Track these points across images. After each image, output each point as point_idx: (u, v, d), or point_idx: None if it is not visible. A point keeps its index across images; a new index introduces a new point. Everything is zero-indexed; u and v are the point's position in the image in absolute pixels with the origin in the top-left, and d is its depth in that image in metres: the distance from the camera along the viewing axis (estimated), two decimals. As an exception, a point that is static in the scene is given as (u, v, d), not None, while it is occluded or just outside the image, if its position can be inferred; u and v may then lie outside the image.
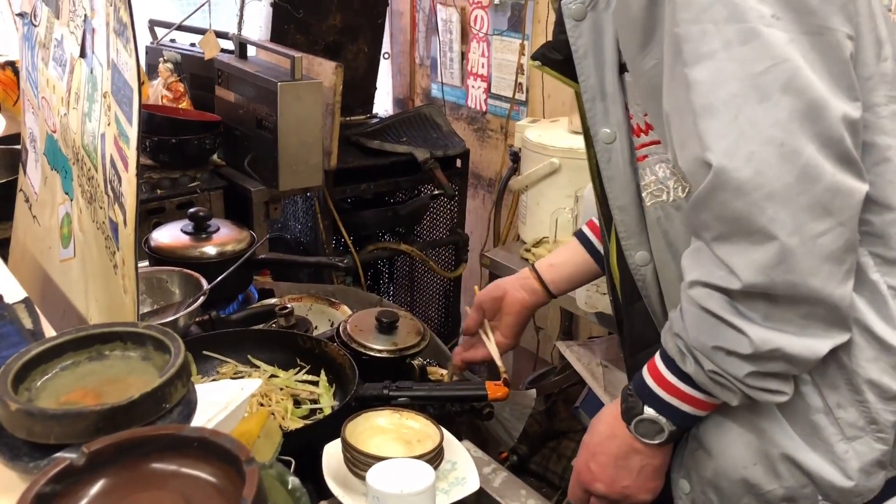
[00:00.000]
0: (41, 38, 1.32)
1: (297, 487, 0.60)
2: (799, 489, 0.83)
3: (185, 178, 2.05)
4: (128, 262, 0.98)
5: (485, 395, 1.16)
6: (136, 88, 0.92)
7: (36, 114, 1.41)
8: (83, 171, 1.16)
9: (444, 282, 2.66)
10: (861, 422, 0.80)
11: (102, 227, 1.09)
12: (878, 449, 0.81)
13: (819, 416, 0.81)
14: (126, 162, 0.97)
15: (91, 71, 1.10)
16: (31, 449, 0.67)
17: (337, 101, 2.11)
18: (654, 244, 0.90)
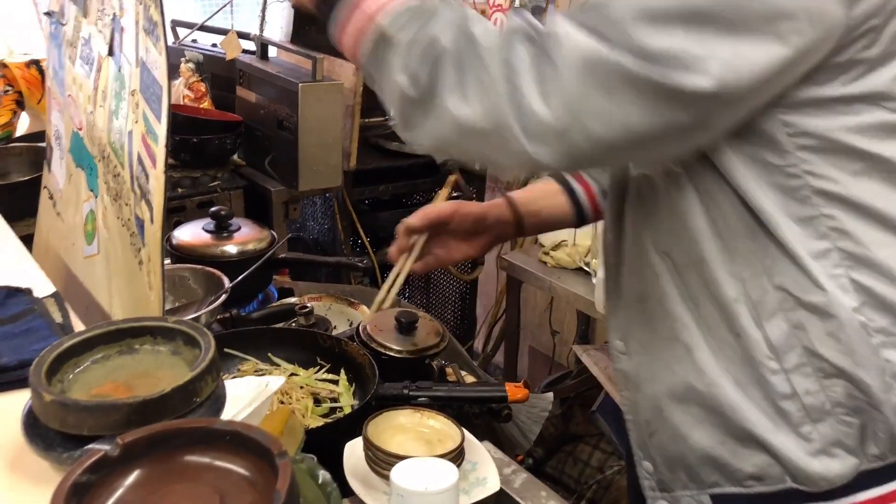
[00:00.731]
0: (68, 37, 1.34)
1: (327, 482, 0.61)
2: (766, 468, 0.83)
3: (206, 178, 2.07)
4: (154, 259, 0.99)
5: (504, 396, 1.17)
6: (165, 86, 0.94)
7: (62, 112, 1.43)
8: (109, 169, 1.18)
9: (461, 284, 2.66)
10: (827, 405, 0.80)
11: (128, 224, 1.10)
12: (841, 430, 0.80)
13: (786, 401, 0.81)
14: (154, 159, 0.99)
15: (119, 69, 1.12)
16: (64, 440, 0.68)
17: (357, 103, 2.12)
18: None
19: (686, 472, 0.89)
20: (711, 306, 0.83)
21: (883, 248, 0.78)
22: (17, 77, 2.18)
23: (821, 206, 0.78)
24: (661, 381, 0.88)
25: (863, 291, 0.78)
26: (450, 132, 0.77)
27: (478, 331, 2.76)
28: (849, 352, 0.78)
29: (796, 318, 0.79)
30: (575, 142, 0.73)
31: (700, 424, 0.86)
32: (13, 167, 1.99)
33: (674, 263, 0.85)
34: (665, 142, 0.75)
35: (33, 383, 0.70)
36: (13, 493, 0.71)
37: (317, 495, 0.60)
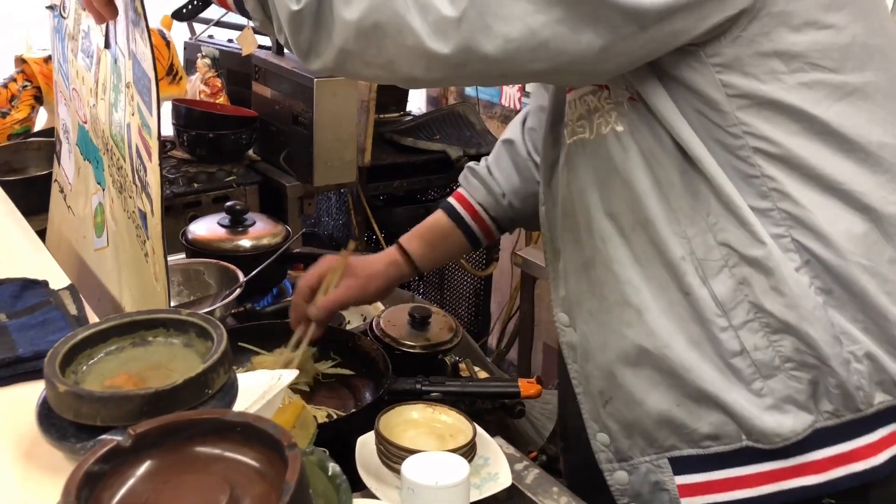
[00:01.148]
0: (70, 30, 1.34)
1: (337, 474, 0.61)
2: (722, 426, 0.84)
3: (222, 173, 2.08)
4: (157, 251, 1.00)
5: (517, 392, 1.16)
6: (153, 78, 0.93)
7: (68, 105, 1.43)
8: (113, 161, 1.18)
9: (475, 280, 2.66)
10: (776, 360, 0.80)
11: (133, 217, 1.11)
12: (792, 386, 0.81)
13: (736, 358, 0.81)
14: (149, 151, 0.99)
15: (115, 61, 1.12)
16: (77, 430, 0.69)
17: (372, 99, 2.12)
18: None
19: (644, 438, 0.89)
20: (660, 266, 0.83)
21: (822, 210, 0.78)
22: (35, 72, 2.20)
23: (762, 166, 0.78)
24: (613, 348, 0.88)
25: (805, 252, 0.79)
26: (346, 40, 0.76)
27: (492, 327, 2.76)
28: (793, 306, 0.79)
29: (741, 273, 0.80)
30: (476, 39, 0.72)
31: (655, 387, 0.86)
32: (31, 162, 2.00)
33: (620, 225, 0.85)
34: (565, 56, 0.74)
35: (47, 374, 0.70)
36: (27, 483, 0.71)
37: (326, 487, 0.60)
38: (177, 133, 2.14)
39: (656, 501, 0.90)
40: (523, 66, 0.75)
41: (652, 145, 0.81)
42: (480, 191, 1.18)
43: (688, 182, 0.80)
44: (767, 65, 0.76)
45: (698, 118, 0.78)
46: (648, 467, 0.90)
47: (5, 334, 0.89)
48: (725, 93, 0.77)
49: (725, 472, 0.85)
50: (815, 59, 0.76)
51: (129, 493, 0.56)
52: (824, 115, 0.77)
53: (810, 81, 0.76)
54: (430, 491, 0.75)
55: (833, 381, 0.80)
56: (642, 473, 0.90)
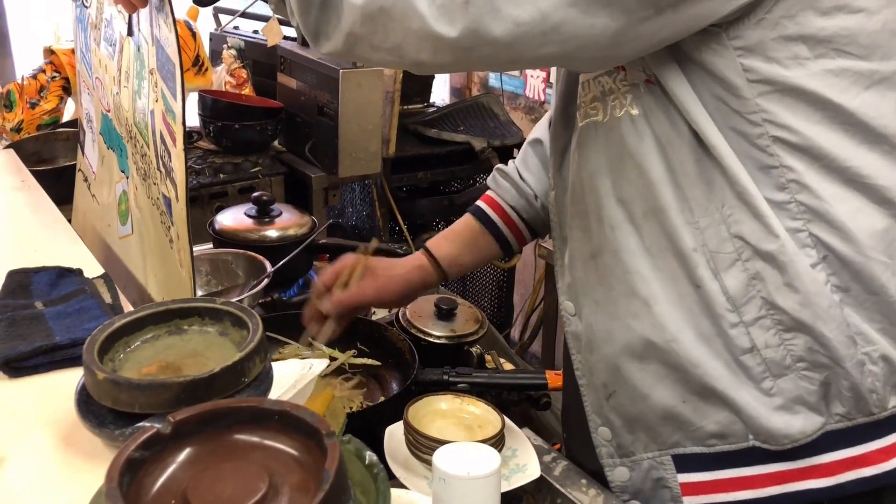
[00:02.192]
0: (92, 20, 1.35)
1: (374, 463, 0.61)
2: (729, 425, 0.82)
3: (248, 164, 2.09)
4: (182, 237, 1.00)
5: (545, 383, 1.16)
6: (177, 63, 0.93)
7: (91, 94, 1.45)
8: (137, 149, 1.19)
9: (498, 272, 2.66)
10: (787, 359, 0.78)
11: (157, 203, 1.11)
12: (803, 387, 0.78)
13: (746, 356, 0.79)
14: (174, 137, 0.99)
15: (138, 49, 1.12)
16: (115, 417, 0.70)
17: (397, 90, 2.12)
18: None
19: (647, 433, 0.87)
20: (671, 257, 0.81)
21: (842, 203, 0.76)
22: (63, 63, 2.22)
23: (780, 156, 0.75)
24: (618, 340, 0.86)
25: (822, 247, 0.76)
26: (353, 24, 0.75)
27: (515, 319, 2.76)
28: (807, 303, 0.76)
29: (754, 268, 0.77)
30: (484, 21, 0.70)
31: (661, 382, 0.84)
32: (60, 152, 2.03)
33: (631, 213, 0.83)
34: (577, 41, 0.71)
35: (86, 361, 0.71)
36: (67, 469, 0.72)
37: (364, 476, 0.61)
38: (203, 124, 2.15)
39: (657, 499, 0.88)
40: (533, 50, 0.72)
41: (667, 131, 0.79)
42: (511, 192, 1.15)
43: (703, 170, 0.78)
44: (792, 49, 0.73)
45: (716, 104, 0.76)
46: (651, 464, 0.88)
47: (42, 322, 0.90)
48: (746, 78, 0.74)
49: (730, 472, 0.83)
50: (843, 44, 0.73)
51: (170, 480, 0.57)
52: (850, 104, 0.74)
53: (836, 68, 0.74)
54: (462, 482, 0.75)
55: (846, 384, 0.78)
56: (644, 470, 0.89)
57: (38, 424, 0.78)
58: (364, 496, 0.59)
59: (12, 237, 1.27)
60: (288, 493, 0.54)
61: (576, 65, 0.84)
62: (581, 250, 0.90)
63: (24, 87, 2.19)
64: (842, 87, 0.74)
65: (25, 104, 2.19)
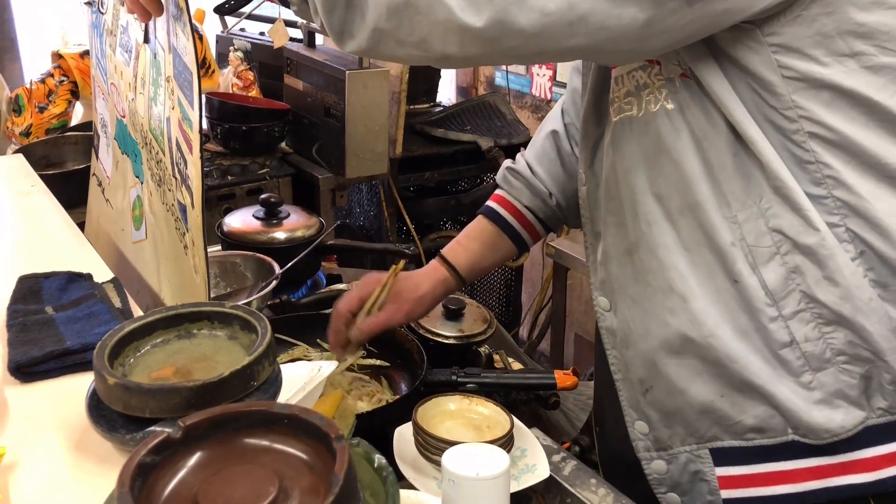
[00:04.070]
0: (108, 26, 1.36)
1: (383, 466, 0.61)
2: (767, 419, 0.81)
3: (255, 165, 2.10)
4: (197, 243, 1.01)
5: (553, 383, 1.16)
6: (195, 72, 0.94)
7: (106, 99, 1.45)
8: (152, 155, 1.20)
9: (506, 271, 2.65)
10: (827, 353, 0.78)
11: (172, 209, 1.12)
12: (843, 381, 0.78)
13: (785, 350, 0.79)
14: (190, 145, 1.00)
15: (154, 56, 1.13)
16: (126, 421, 0.70)
17: (403, 90, 2.12)
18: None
19: (684, 427, 0.87)
20: (708, 252, 0.80)
21: (879, 200, 0.75)
22: (71, 67, 2.23)
23: (817, 152, 0.75)
24: (655, 335, 0.86)
25: (860, 242, 0.76)
26: (378, 19, 0.74)
27: (523, 318, 2.75)
28: (847, 297, 0.76)
29: (793, 261, 0.77)
30: (510, 11, 0.69)
31: (698, 377, 0.84)
32: (69, 156, 2.04)
33: (668, 208, 0.82)
34: (605, 32, 0.70)
35: (97, 366, 0.72)
36: (79, 473, 0.73)
37: (373, 479, 0.61)
38: (210, 126, 2.16)
39: (695, 492, 0.88)
40: (561, 41, 0.71)
41: (703, 125, 0.78)
42: (525, 193, 1.14)
43: (740, 165, 0.77)
44: (829, 46, 0.72)
45: (752, 98, 0.75)
46: (688, 457, 0.88)
47: (53, 327, 0.91)
48: (782, 74, 0.73)
49: (769, 466, 0.83)
50: (883, 41, 0.72)
51: (180, 484, 0.57)
52: (888, 101, 0.73)
53: (875, 65, 0.72)
54: (471, 482, 0.75)
55: (888, 377, 0.78)
56: (682, 463, 0.88)
57: (49, 429, 0.79)
58: (374, 499, 0.59)
59: (22, 242, 1.28)
60: (298, 496, 0.55)
61: (604, 58, 0.83)
62: (616, 246, 0.90)
63: (32, 92, 2.20)
64: (880, 85, 0.73)
65: (34, 108, 2.21)
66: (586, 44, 0.72)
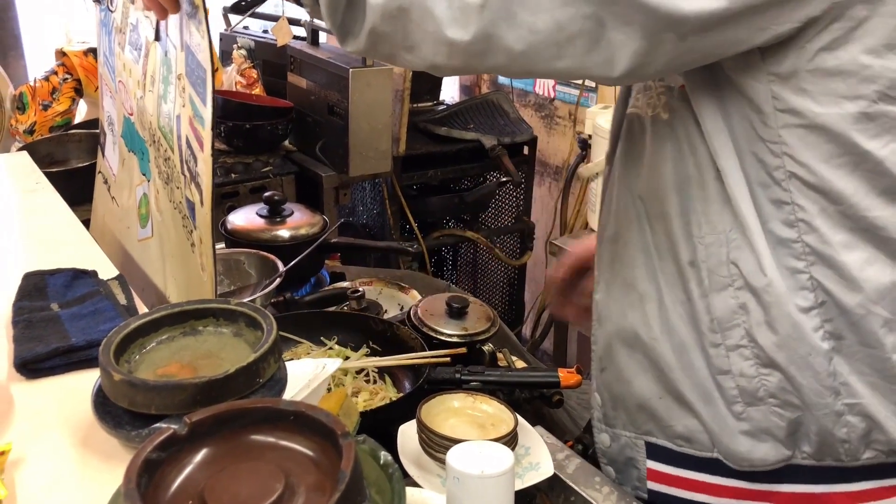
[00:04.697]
0: (117, 24, 1.36)
1: (389, 463, 0.61)
2: (695, 433, 0.84)
3: (258, 163, 2.10)
4: (205, 241, 1.01)
5: (557, 381, 1.16)
6: (209, 70, 0.94)
7: (113, 97, 1.46)
8: (160, 153, 1.20)
9: (509, 270, 2.66)
10: (761, 392, 0.79)
11: (180, 207, 1.12)
12: (772, 421, 0.79)
13: (722, 376, 0.80)
14: (201, 142, 1.00)
15: (165, 54, 1.13)
16: (132, 418, 0.70)
17: (407, 88, 2.12)
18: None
19: (626, 415, 0.91)
20: (671, 263, 0.82)
21: (850, 251, 0.73)
22: (75, 65, 2.24)
23: (794, 193, 0.73)
24: (615, 322, 0.89)
25: (822, 292, 0.75)
26: (375, 22, 0.74)
27: (526, 317, 2.75)
28: (784, 346, 0.76)
29: (743, 297, 0.77)
30: (498, 27, 0.69)
31: (643, 373, 0.87)
32: (73, 153, 2.04)
33: (646, 211, 0.84)
34: (594, 56, 0.69)
35: (103, 363, 0.72)
36: (84, 469, 0.73)
37: (379, 476, 0.61)
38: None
39: (627, 473, 0.92)
40: (548, 62, 0.70)
41: (688, 142, 0.78)
42: None
43: (718, 190, 0.77)
44: (828, 85, 0.69)
45: (744, 126, 0.74)
46: (627, 442, 0.92)
47: (58, 323, 0.91)
48: (774, 106, 0.71)
49: (693, 474, 0.86)
50: (886, 87, 0.68)
51: (187, 480, 0.57)
52: (879, 152, 0.70)
53: (874, 112, 0.69)
54: (476, 480, 0.75)
55: (814, 428, 0.78)
56: (621, 445, 0.93)
57: (55, 425, 0.79)
58: (379, 496, 0.59)
59: (27, 239, 1.28)
60: (304, 493, 0.55)
61: (595, 80, 0.82)
62: (607, 232, 0.92)
63: (36, 90, 2.21)
64: (873, 133, 0.70)
65: (38, 106, 2.21)
66: (574, 66, 0.71)
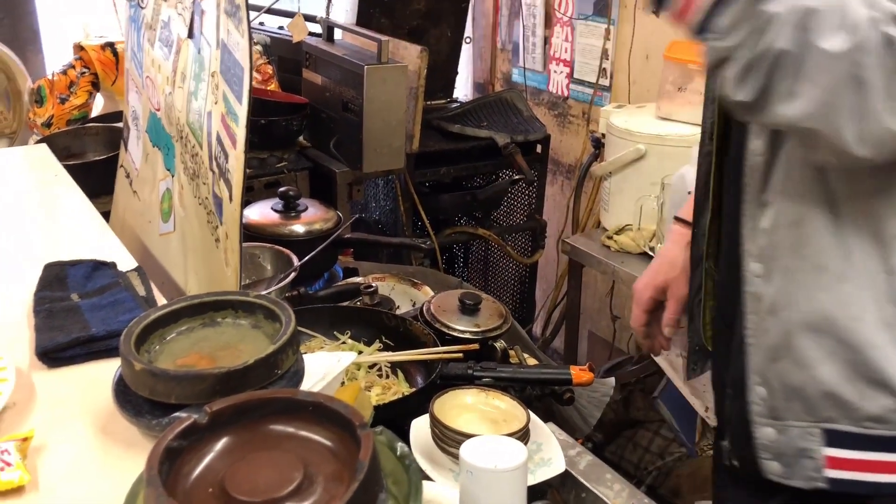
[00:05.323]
0: (147, 20, 1.38)
1: (406, 454, 0.62)
2: (891, 412, 0.82)
3: (273, 159, 2.11)
4: (231, 236, 1.02)
5: (569, 378, 1.17)
6: (247, 68, 0.95)
7: (139, 93, 1.47)
8: (187, 149, 1.21)
9: (520, 268, 2.66)
10: None
11: (205, 203, 1.13)
12: None
13: None
14: (234, 139, 1.01)
15: (199, 51, 1.14)
16: (152, 407, 0.71)
17: (421, 85, 2.13)
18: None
19: (802, 404, 0.88)
20: (869, 239, 0.82)
21: None
22: (93, 59, 2.25)
23: None
24: (799, 309, 0.87)
25: None
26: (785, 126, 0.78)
27: (537, 315, 2.76)
28: None
29: None
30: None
31: (830, 358, 0.85)
32: (89, 147, 2.06)
33: (838, 189, 0.83)
34: None
35: (124, 352, 0.73)
36: (105, 456, 0.74)
37: (396, 466, 0.62)
38: (229, 119, 2.17)
39: (798, 465, 0.89)
40: None
41: None
42: None
43: None
44: None
45: None
46: (800, 433, 0.89)
47: (78, 314, 0.92)
48: None
49: (882, 455, 0.84)
50: None
51: (207, 468, 0.58)
52: None
53: None
54: (489, 474, 0.76)
55: None
56: (791, 437, 0.89)
57: (76, 413, 0.80)
58: (396, 487, 0.60)
59: (48, 230, 1.30)
60: (322, 482, 0.55)
61: None
62: (784, 216, 0.90)
63: (54, 83, 2.23)
64: None
65: (55, 99, 2.23)
66: None
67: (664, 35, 2.16)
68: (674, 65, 1.80)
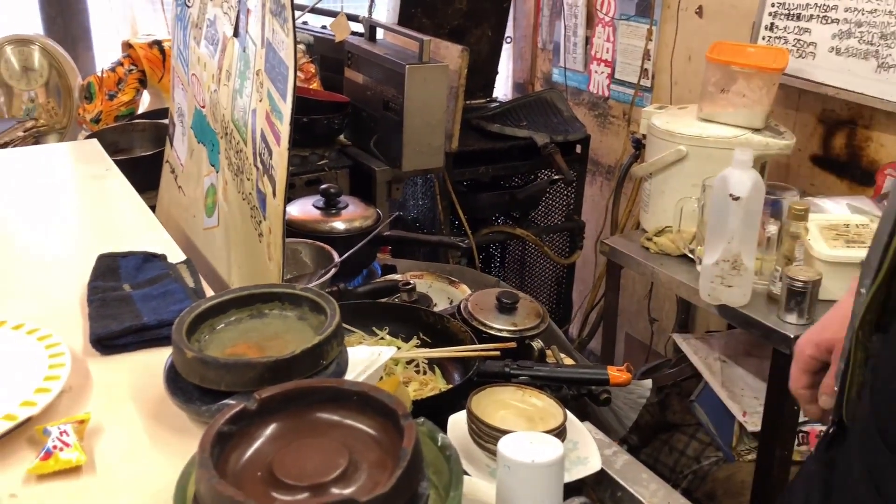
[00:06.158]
0: (194, 19, 1.41)
1: (447, 444, 0.63)
2: None
3: (314, 156, 2.14)
4: (275, 231, 1.04)
5: (606, 378, 1.17)
6: (291, 66, 0.97)
7: (185, 90, 1.50)
8: (231, 145, 1.24)
9: (557, 268, 2.66)
10: None
11: (249, 198, 1.16)
12: None
13: None
14: (278, 136, 1.03)
15: (244, 49, 1.17)
16: (202, 394, 0.74)
17: (461, 85, 2.14)
18: None
19: None
20: None
21: None
22: (140, 57, 2.31)
23: None
24: None
25: None
26: None
27: (573, 316, 2.75)
28: None
29: None
30: None
31: None
32: (136, 142, 2.12)
33: None
34: None
35: (176, 340, 0.75)
36: (156, 441, 0.77)
37: (436, 457, 0.63)
38: (272, 117, 2.21)
39: None
40: None
41: None
42: None
43: None
44: None
45: None
46: None
47: (130, 303, 0.96)
48: None
49: None
50: None
51: (256, 453, 0.60)
52: None
53: None
54: (526, 468, 0.77)
55: None
56: None
57: (129, 399, 0.83)
58: (436, 476, 0.62)
59: (100, 222, 1.34)
60: (367, 469, 0.57)
61: None
62: None
63: (103, 80, 2.29)
64: None
65: (104, 96, 2.29)
66: None
67: (707, 36, 2.14)
68: (716, 66, 1.79)
